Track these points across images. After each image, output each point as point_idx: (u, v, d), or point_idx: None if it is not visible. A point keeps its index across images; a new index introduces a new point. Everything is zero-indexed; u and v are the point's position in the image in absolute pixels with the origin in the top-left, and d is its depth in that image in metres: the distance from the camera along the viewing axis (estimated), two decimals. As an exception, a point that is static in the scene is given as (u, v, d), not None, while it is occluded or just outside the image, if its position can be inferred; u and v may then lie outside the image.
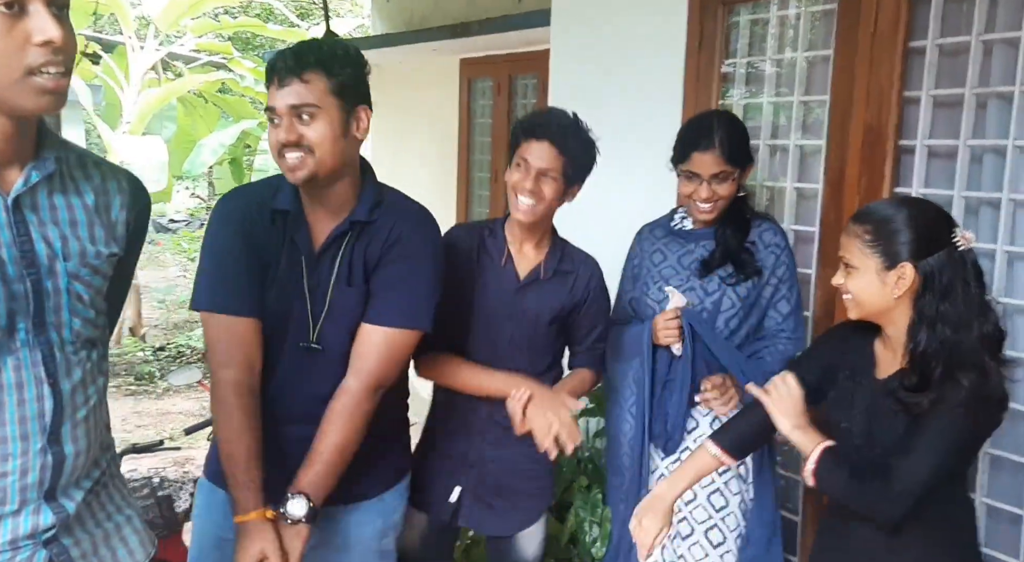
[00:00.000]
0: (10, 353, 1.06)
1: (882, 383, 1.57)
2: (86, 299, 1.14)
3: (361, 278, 1.61)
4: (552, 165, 1.83)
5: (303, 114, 1.50)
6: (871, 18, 2.11)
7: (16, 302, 1.06)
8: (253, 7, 12.04)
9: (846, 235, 1.54)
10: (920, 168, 2.11)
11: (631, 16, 2.84)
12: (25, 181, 1.07)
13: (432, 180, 5.33)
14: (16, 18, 0.98)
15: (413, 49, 4.90)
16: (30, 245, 1.07)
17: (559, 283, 1.95)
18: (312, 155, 1.51)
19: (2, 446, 1.07)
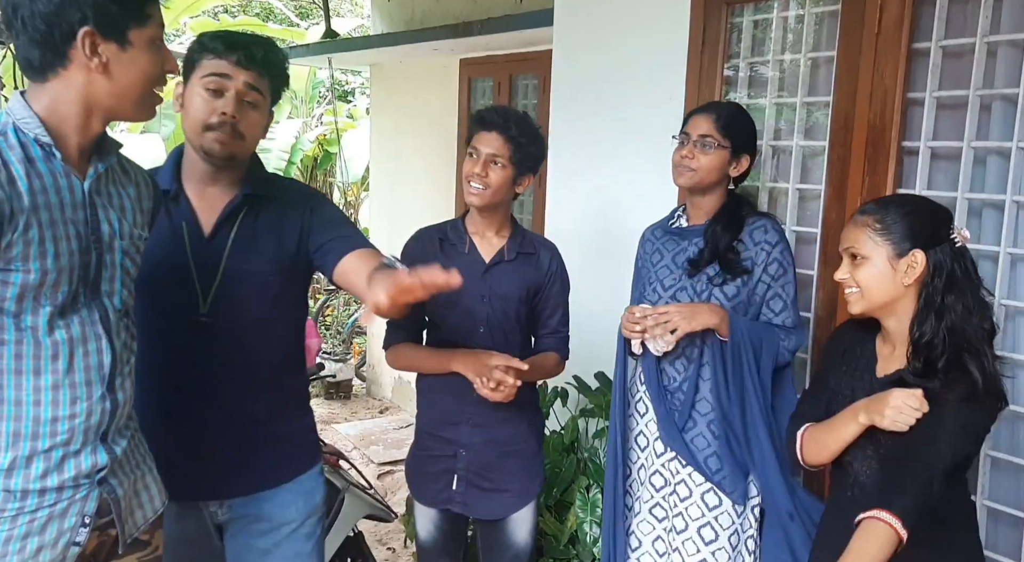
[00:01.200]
0: (75, 312, 1.25)
1: (882, 381, 1.58)
2: (132, 273, 1.35)
3: (269, 249, 1.65)
4: (500, 152, 1.99)
5: (249, 99, 1.59)
6: (875, 19, 2.10)
7: (83, 270, 1.25)
8: (253, 6, 12.03)
9: (853, 226, 1.57)
10: (923, 170, 2.11)
11: (633, 17, 2.83)
12: (95, 171, 1.29)
13: (431, 179, 5.32)
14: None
15: (413, 48, 4.89)
16: (98, 224, 1.28)
17: (523, 263, 2.10)
18: (242, 140, 1.60)
19: (72, 391, 1.25)
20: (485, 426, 2.08)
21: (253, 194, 1.66)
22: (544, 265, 2.10)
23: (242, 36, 1.63)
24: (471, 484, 2.10)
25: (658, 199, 2.67)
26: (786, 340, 1.99)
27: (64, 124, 1.23)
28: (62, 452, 1.25)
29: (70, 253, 1.22)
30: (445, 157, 5.19)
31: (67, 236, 1.21)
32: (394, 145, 5.82)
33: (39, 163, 1.20)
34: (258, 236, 1.66)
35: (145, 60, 1.24)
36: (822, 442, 1.62)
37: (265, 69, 1.60)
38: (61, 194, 1.22)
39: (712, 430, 2.00)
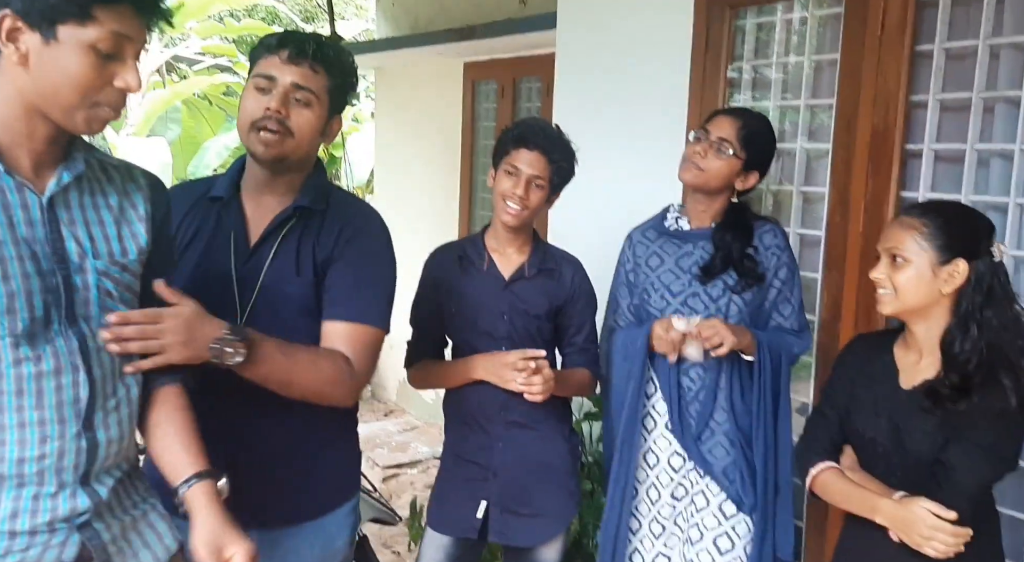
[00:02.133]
0: (47, 342, 1.13)
1: (908, 393, 1.56)
2: (115, 295, 1.20)
3: (309, 269, 1.56)
4: (542, 173, 1.93)
5: (299, 97, 1.51)
6: (878, 22, 2.10)
7: (50, 294, 1.13)
8: (258, 10, 12.06)
9: (898, 227, 1.54)
10: (927, 172, 2.10)
11: (637, 20, 2.83)
12: (58, 182, 1.15)
13: (435, 182, 5.33)
14: (108, 62, 1.11)
15: (417, 52, 4.91)
16: (61, 242, 1.14)
17: (545, 279, 2.03)
18: (291, 137, 1.51)
19: (41, 428, 1.13)
20: (518, 447, 2.00)
21: (307, 207, 1.57)
22: (566, 281, 2.03)
23: (298, 34, 1.56)
24: (506, 510, 2.00)
25: (660, 200, 2.67)
26: (796, 344, 1.99)
27: (8, 130, 1.11)
28: (34, 491, 1.13)
29: (24, 275, 1.09)
30: (449, 159, 5.19)
31: (19, 256, 1.09)
32: (398, 148, 5.83)
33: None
34: (300, 252, 1.55)
35: (73, 62, 1.07)
36: (838, 500, 1.62)
37: (320, 65, 1.52)
38: (10, 210, 1.10)
39: (730, 438, 1.97)
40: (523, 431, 2.00)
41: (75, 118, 1.11)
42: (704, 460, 1.96)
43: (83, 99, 1.10)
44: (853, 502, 1.57)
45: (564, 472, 2.05)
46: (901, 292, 1.52)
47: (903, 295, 1.52)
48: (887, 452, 1.56)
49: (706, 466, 1.96)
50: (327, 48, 1.54)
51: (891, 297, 1.54)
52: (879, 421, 1.58)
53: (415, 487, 4.48)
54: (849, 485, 1.59)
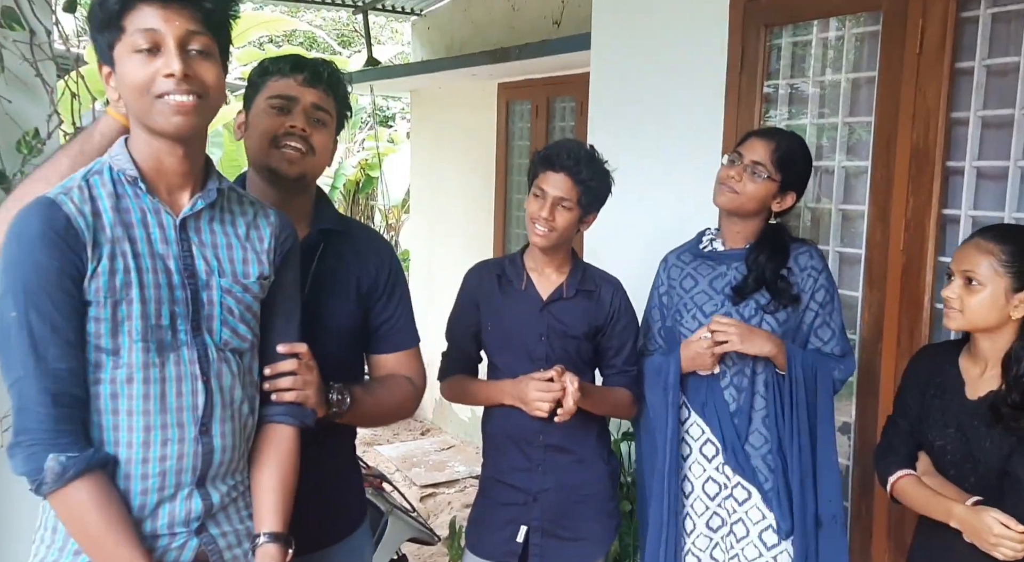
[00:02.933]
0: (173, 350, 1.23)
1: (974, 403, 1.62)
2: (236, 313, 1.30)
3: (353, 293, 1.61)
4: (568, 195, 1.92)
5: (317, 117, 1.55)
6: (916, 40, 2.09)
7: (178, 306, 1.24)
8: (296, 35, 12.31)
9: (976, 251, 1.59)
10: (969, 189, 2.08)
11: (671, 38, 2.85)
12: (192, 207, 1.27)
13: (470, 200, 5.37)
14: (153, 57, 1.19)
15: (453, 74, 4.97)
16: (191, 260, 1.26)
17: (584, 300, 2.01)
18: (312, 156, 1.54)
19: (163, 432, 1.22)
20: (557, 471, 2.00)
21: (330, 230, 1.60)
22: (606, 302, 2.02)
23: (306, 57, 1.60)
24: (547, 534, 2.00)
25: (700, 222, 2.67)
26: (836, 369, 1.95)
27: (144, 156, 1.24)
28: (156, 497, 1.22)
29: (157, 286, 1.22)
30: (484, 179, 5.24)
31: (154, 269, 1.22)
32: (433, 168, 5.89)
33: (128, 199, 1.23)
34: (336, 276, 1.60)
35: (125, 71, 1.19)
36: (916, 505, 1.69)
37: (331, 89, 1.57)
38: (149, 229, 1.23)
39: (768, 463, 1.93)
40: (562, 455, 2.00)
41: (153, 117, 1.20)
42: (755, 475, 1.93)
43: (145, 97, 1.18)
44: (930, 507, 1.64)
45: (604, 495, 2.05)
46: (970, 313, 1.59)
47: (971, 315, 1.59)
48: (956, 460, 1.63)
49: (757, 483, 1.93)
50: (336, 73, 1.60)
51: (959, 316, 1.60)
52: (948, 430, 1.65)
53: (452, 507, 4.49)
54: (926, 491, 1.66)
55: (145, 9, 1.17)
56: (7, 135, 1.96)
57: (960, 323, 1.62)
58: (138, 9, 1.17)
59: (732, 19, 2.58)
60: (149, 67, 1.17)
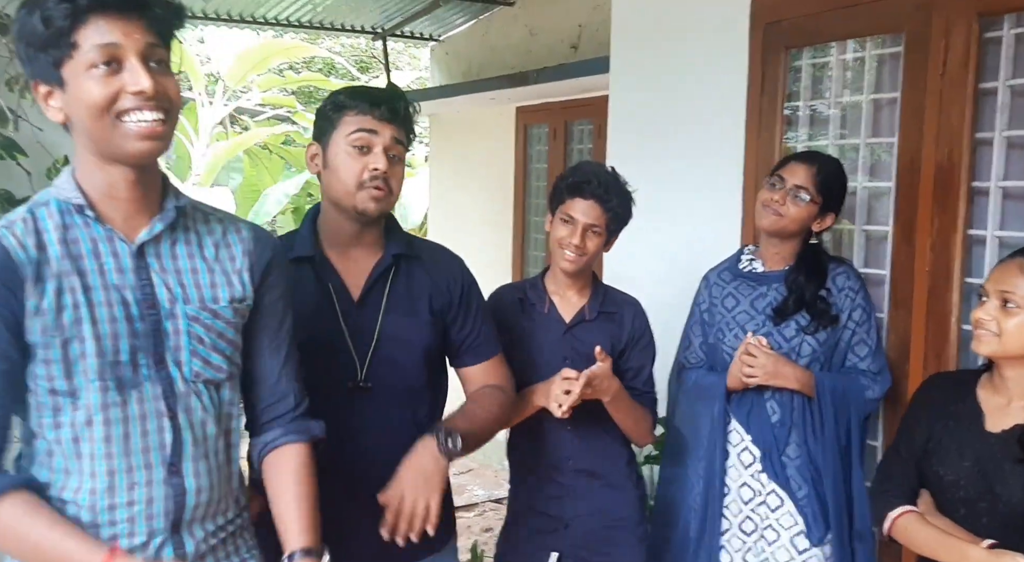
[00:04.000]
0: (135, 386, 1.15)
1: (997, 437, 1.51)
2: (207, 341, 1.21)
3: (425, 311, 1.64)
4: (597, 221, 1.93)
5: (395, 153, 1.56)
6: (939, 61, 2.08)
7: (138, 339, 1.16)
8: (316, 62, 12.47)
9: (1017, 271, 1.50)
10: (995, 210, 2.06)
11: (690, 61, 2.86)
12: (149, 231, 1.18)
13: (488, 223, 5.39)
14: (114, 73, 1.09)
15: (471, 98, 5.01)
16: (151, 289, 1.18)
17: (606, 323, 2.02)
18: (391, 194, 1.57)
19: (129, 475, 1.15)
20: (587, 496, 1.99)
21: (403, 254, 1.64)
22: (627, 324, 2.03)
23: (381, 90, 1.60)
24: (578, 560, 1.99)
25: (720, 241, 2.66)
26: (870, 389, 1.99)
27: (93, 184, 1.16)
28: (126, 545, 1.14)
29: (112, 319, 1.13)
30: (502, 203, 5.26)
31: (108, 302, 1.13)
32: (451, 192, 5.93)
33: (77, 229, 1.14)
34: (412, 298, 1.63)
35: (82, 89, 1.09)
36: (921, 546, 1.55)
37: (405, 122, 1.59)
38: (101, 259, 1.14)
39: (802, 473, 1.98)
40: (592, 480, 1.99)
41: (115, 142, 1.11)
42: (788, 483, 1.97)
43: (106, 116, 1.09)
44: (940, 550, 1.51)
45: (635, 520, 2.04)
46: (1007, 336, 1.49)
47: (1008, 340, 1.49)
48: (970, 497, 1.51)
49: (789, 489, 1.96)
50: (408, 105, 1.60)
51: (992, 339, 1.50)
52: (963, 464, 1.54)
53: (472, 531, 4.46)
54: (934, 531, 1.53)
55: (100, 23, 1.08)
56: (39, 162, 2.00)
57: (993, 348, 1.51)
58: (92, 23, 1.07)
59: (752, 41, 2.59)
60: (111, 84, 1.08)
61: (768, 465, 1.99)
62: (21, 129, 1.94)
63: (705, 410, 2.06)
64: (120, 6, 1.09)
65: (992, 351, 1.53)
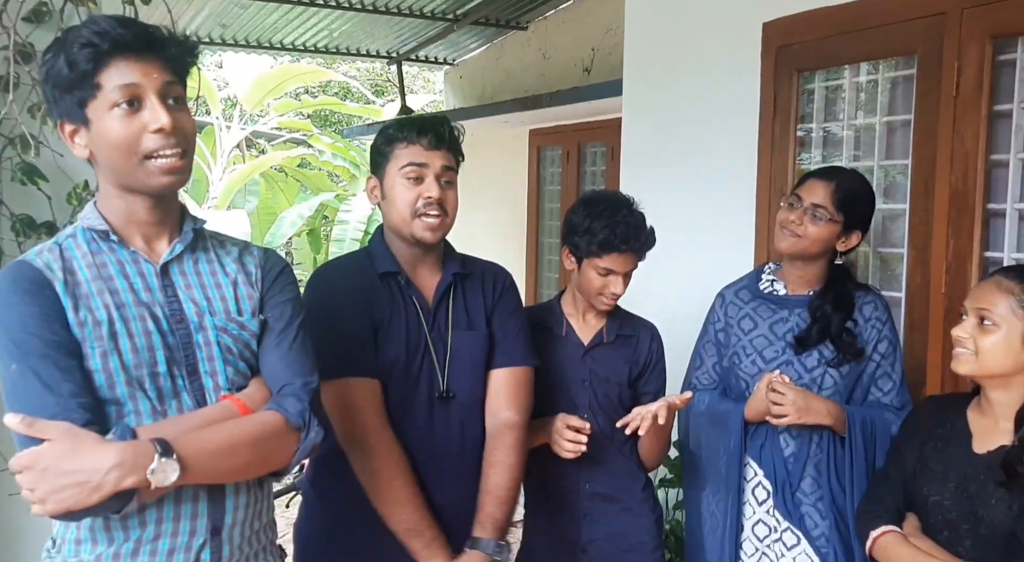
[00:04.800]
0: (174, 397, 1.21)
1: (983, 457, 1.50)
2: (235, 351, 1.28)
3: (482, 323, 1.74)
4: (632, 267, 1.95)
5: (447, 179, 1.66)
6: (952, 83, 2.08)
7: (172, 352, 1.22)
8: (331, 86, 12.63)
9: (994, 289, 1.49)
10: (1011, 232, 2.05)
11: (702, 84, 2.87)
12: (171, 251, 1.27)
13: (502, 244, 5.41)
14: (135, 112, 1.18)
15: (485, 121, 5.05)
16: (178, 304, 1.25)
17: (623, 346, 2.01)
18: (447, 217, 1.67)
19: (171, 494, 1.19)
20: (604, 520, 1.97)
21: (461, 272, 1.74)
22: (644, 347, 2.02)
23: (427, 119, 1.69)
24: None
25: (734, 262, 2.65)
26: (894, 424, 1.87)
27: (115, 213, 1.24)
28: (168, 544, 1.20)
29: (146, 333, 1.20)
30: (516, 224, 5.28)
31: (140, 317, 1.20)
32: (466, 213, 5.90)
33: (103, 254, 1.22)
34: (470, 312, 1.74)
35: (106, 129, 1.17)
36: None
37: (453, 147, 1.67)
38: (130, 279, 1.22)
39: (819, 510, 1.87)
40: (609, 504, 1.97)
41: (139, 177, 1.19)
42: (802, 522, 1.88)
43: (130, 155, 1.18)
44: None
45: (651, 545, 2.01)
46: (983, 355, 1.47)
47: (985, 359, 1.47)
48: (953, 519, 1.49)
49: (803, 528, 1.87)
50: (453, 130, 1.69)
51: (970, 358, 1.49)
52: (947, 485, 1.52)
53: (486, 554, 4.42)
54: (913, 551, 1.52)
55: (121, 64, 1.16)
56: (59, 187, 2.02)
57: (971, 367, 1.49)
58: (113, 65, 1.16)
59: (764, 64, 2.60)
60: (133, 123, 1.17)
61: (780, 502, 1.89)
62: (42, 154, 1.97)
63: (719, 438, 1.98)
64: (139, 48, 1.17)
65: (970, 370, 1.50)
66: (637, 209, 1.95)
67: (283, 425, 1.23)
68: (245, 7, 4.81)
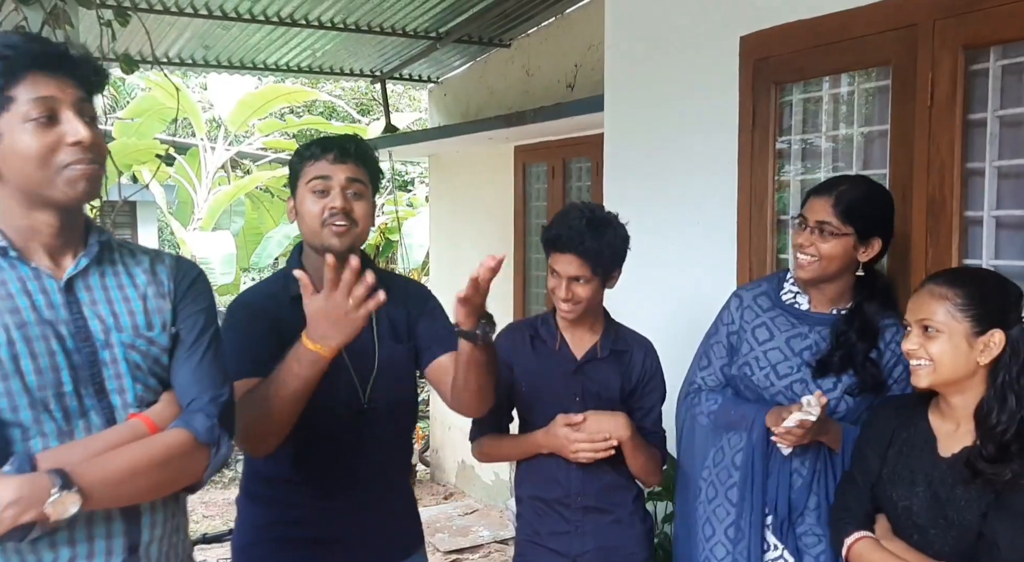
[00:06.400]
0: (81, 416, 1.19)
1: (948, 461, 1.52)
2: (144, 368, 1.25)
3: (405, 335, 1.78)
4: (580, 272, 1.92)
5: (354, 190, 1.69)
6: (927, 92, 2.11)
7: (77, 371, 1.19)
8: (317, 105, 12.65)
9: (929, 297, 1.52)
10: (989, 239, 2.06)
11: (682, 99, 2.89)
12: (75, 266, 1.23)
13: (490, 264, 5.41)
14: (51, 125, 1.17)
15: (470, 138, 5.07)
16: (83, 321, 1.22)
17: (616, 361, 2.01)
18: (356, 226, 1.69)
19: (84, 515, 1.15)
20: (597, 532, 1.97)
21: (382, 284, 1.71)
22: (638, 363, 2.02)
23: (333, 137, 1.75)
24: None
25: (715, 276, 2.66)
26: None
27: (17, 231, 1.20)
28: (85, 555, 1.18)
29: (50, 353, 1.17)
30: (502, 240, 5.28)
31: (44, 336, 1.17)
32: (453, 230, 5.96)
33: (3, 271, 1.18)
34: (395, 325, 1.77)
35: (20, 142, 1.15)
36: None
37: (361, 160, 1.71)
38: (32, 297, 1.18)
39: (821, 526, 1.83)
40: (601, 516, 1.97)
41: (57, 187, 1.18)
42: (796, 547, 1.85)
43: (47, 167, 1.17)
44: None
45: (642, 556, 2.02)
46: (939, 364, 1.49)
47: (940, 367, 1.49)
48: (924, 522, 1.51)
49: (797, 555, 1.84)
50: (362, 145, 1.73)
51: (928, 370, 1.51)
52: (916, 489, 1.54)
53: (477, 573, 4.39)
54: (885, 554, 1.54)
55: (37, 78, 1.16)
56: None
57: (932, 379, 1.51)
58: (28, 78, 1.15)
59: (742, 77, 2.62)
60: (48, 136, 1.16)
61: (777, 526, 1.85)
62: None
63: (732, 443, 1.90)
64: (53, 64, 1.18)
65: (931, 382, 1.52)
66: (601, 217, 1.94)
67: (191, 442, 1.22)
68: (228, 28, 4.82)
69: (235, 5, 4.45)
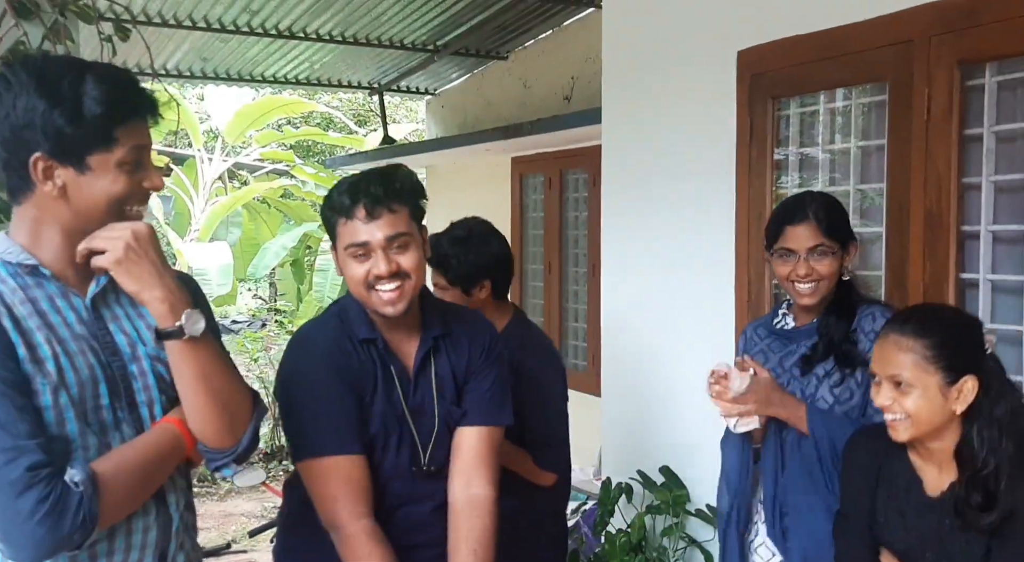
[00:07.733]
0: (116, 429, 1.22)
1: (938, 501, 1.50)
2: (167, 379, 1.27)
3: (453, 392, 1.63)
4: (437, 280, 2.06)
5: (398, 245, 1.51)
6: (923, 108, 2.12)
7: (111, 385, 1.22)
8: (314, 117, 12.67)
9: (896, 351, 1.47)
10: (986, 254, 2.07)
11: (679, 112, 2.90)
12: (97, 284, 1.26)
13: (488, 275, 5.41)
14: (134, 172, 1.22)
15: (467, 150, 5.08)
16: (110, 337, 1.25)
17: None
18: (409, 280, 1.53)
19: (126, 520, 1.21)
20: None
21: (441, 334, 1.63)
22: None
23: (360, 181, 1.54)
24: None
25: (713, 290, 2.67)
26: None
27: (47, 247, 1.22)
28: None
29: (89, 366, 1.19)
30: (500, 252, 5.29)
31: (81, 350, 1.19)
32: (450, 242, 5.96)
33: (32, 289, 1.19)
34: (455, 377, 1.63)
35: (108, 183, 1.19)
36: None
37: (396, 201, 1.52)
38: (63, 313, 1.21)
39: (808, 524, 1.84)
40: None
41: (106, 223, 1.21)
42: (782, 539, 1.86)
43: (120, 210, 1.22)
44: None
45: None
46: (915, 418, 1.46)
47: (918, 421, 1.46)
48: (930, 559, 1.49)
49: (783, 546, 1.86)
50: (392, 181, 1.54)
51: (906, 425, 1.47)
52: (912, 534, 1.52)
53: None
54: None
55: (138, 124, 1.22)
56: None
57: (911, 433, 1.47)
58: (131, 124, 1.20)
59: (740, 91, 2.63)
60: (131, 181, 1.21)
61: (770, 527, 1.88)
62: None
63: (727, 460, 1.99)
64: (150, 111, 1.24)
65: (912, 436, 1.49)
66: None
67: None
68: (226, 41, 4.84)
69: (233, 18, 4.47)
